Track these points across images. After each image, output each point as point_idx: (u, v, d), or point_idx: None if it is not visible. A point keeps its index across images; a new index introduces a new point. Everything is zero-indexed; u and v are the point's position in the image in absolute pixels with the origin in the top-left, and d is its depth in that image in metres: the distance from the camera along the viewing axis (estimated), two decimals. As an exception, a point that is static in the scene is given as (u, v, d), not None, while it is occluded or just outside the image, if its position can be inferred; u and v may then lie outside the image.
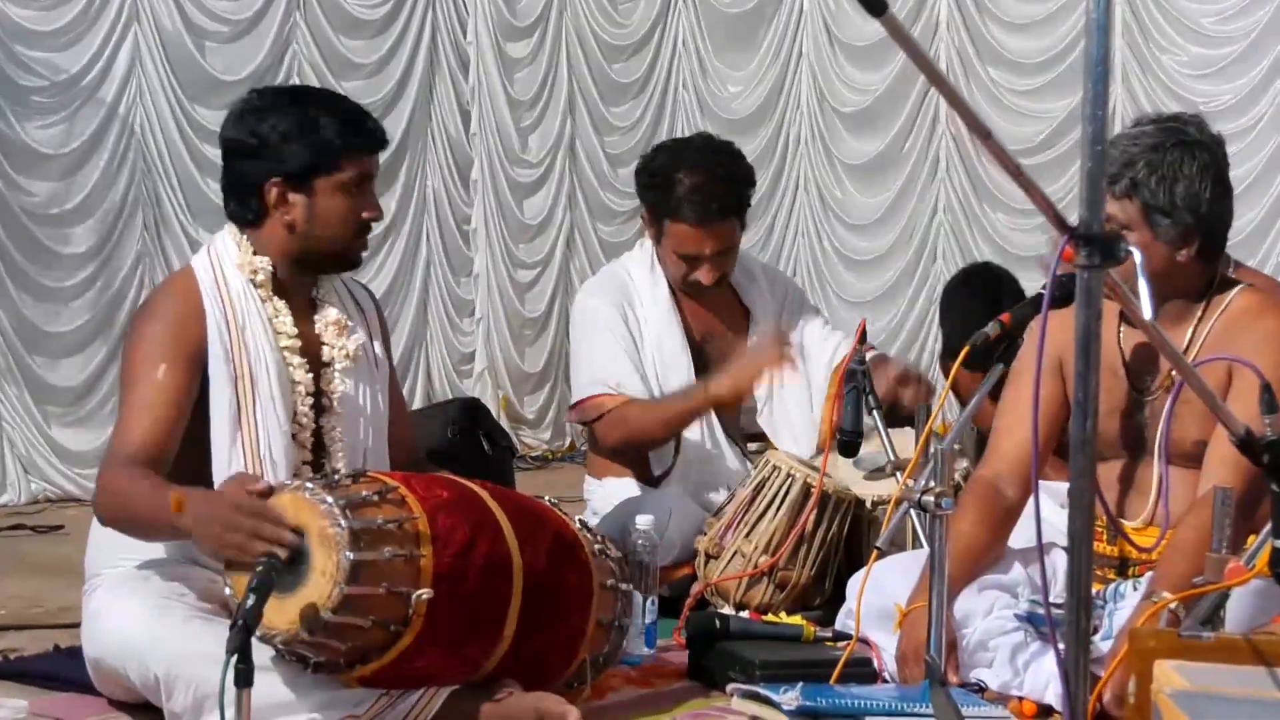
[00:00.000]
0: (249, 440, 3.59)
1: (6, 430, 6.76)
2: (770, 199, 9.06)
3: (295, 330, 3.71)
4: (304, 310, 3.78)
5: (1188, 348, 3.77)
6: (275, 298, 3.72)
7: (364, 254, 3.84)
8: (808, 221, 9.15)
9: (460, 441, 5.41)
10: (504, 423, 8.04)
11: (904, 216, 8.86)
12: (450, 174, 8.53)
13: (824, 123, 9.04)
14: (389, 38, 8.20)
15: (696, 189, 4.90)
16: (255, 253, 3.72)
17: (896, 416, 4.70)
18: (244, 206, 3.73)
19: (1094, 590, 3.72)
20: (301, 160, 3.67)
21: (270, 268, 3.72)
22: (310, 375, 3.72)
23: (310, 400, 3.71)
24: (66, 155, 6.98)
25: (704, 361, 5.04)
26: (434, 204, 8.46)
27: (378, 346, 3.91)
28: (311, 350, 3.75)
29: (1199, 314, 3.81)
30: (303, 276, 3.78)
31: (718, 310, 5.11)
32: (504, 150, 8.69)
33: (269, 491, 3.27)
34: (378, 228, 3.97)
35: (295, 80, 7.67)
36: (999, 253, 8.28)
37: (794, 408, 5.05)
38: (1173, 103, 7.62)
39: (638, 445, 4.94)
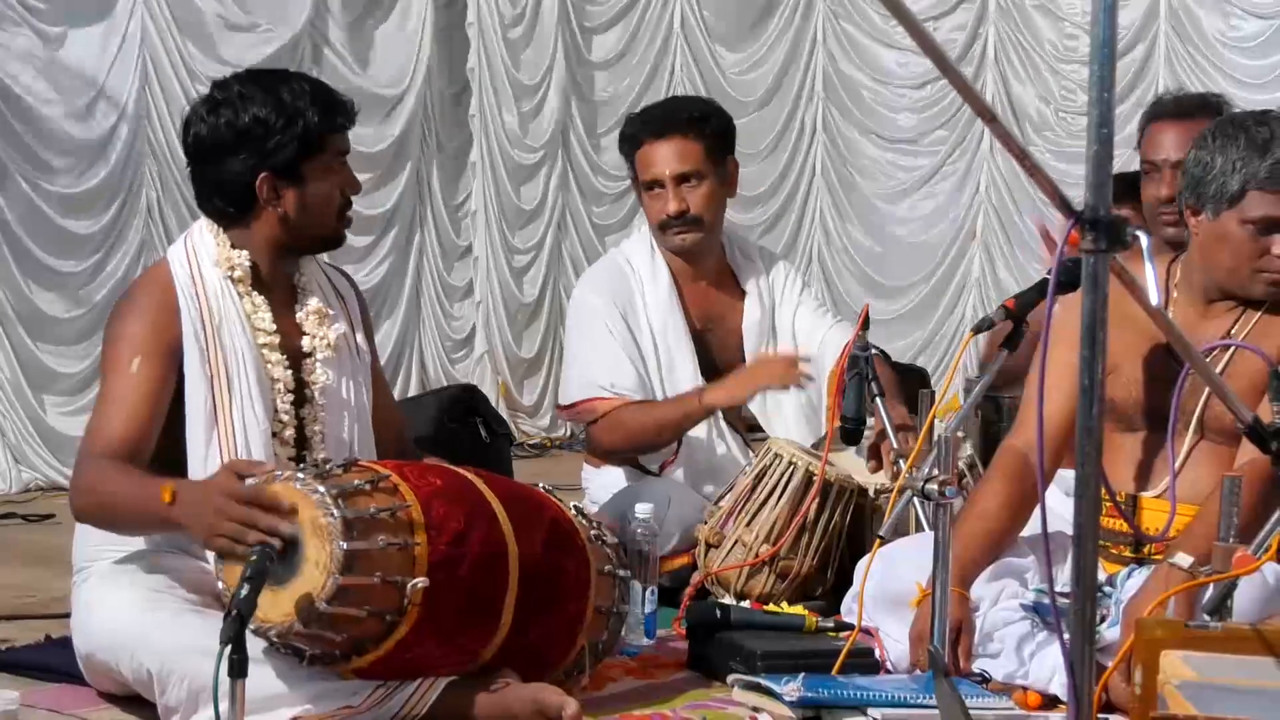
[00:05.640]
0: (226, 439, 3.54)
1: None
2: (783, 182, 9.09)
3: (274, 326, 3.66)
4: (285, 301, 3.73)
5: (1234, 331, 3.76)
6: (254, 293, 3.66)
7: (348, 230, 3.80)
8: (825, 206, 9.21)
9: (457, 429, 5.38)
10: (503, 409, 8.04)
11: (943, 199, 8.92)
12: (447, 158, 8.51)
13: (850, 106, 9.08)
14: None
15: (648, 109, 5.18)
16: (234, 246, 3.66)
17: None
18: (231, 204, 3.65)
19: (1103, 575, 3.69)
20: (290, 151, 3.62)
21: (249, 263, 3.66)
22: (290, 372, 3.67)
23: (291, 396, 3.67)
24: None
25: (705, 348, 5.00)
26: (428, 188, 8.46)
27: (359, 336, 3.87)
28: (292, 343, 3.71)
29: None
30: (285, 266, 3.74)
31: (717, 295, 5.07)
32: (505, 133, 8.67)
33: (272, 477, 3.24)
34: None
35: (313, 70, 7.70)
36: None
37: (786, 396, 5.01)
38: (1216, 75, 7.65)
39: (634, 449, 4.91)
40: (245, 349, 3.62)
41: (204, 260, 3.66)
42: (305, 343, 3.73)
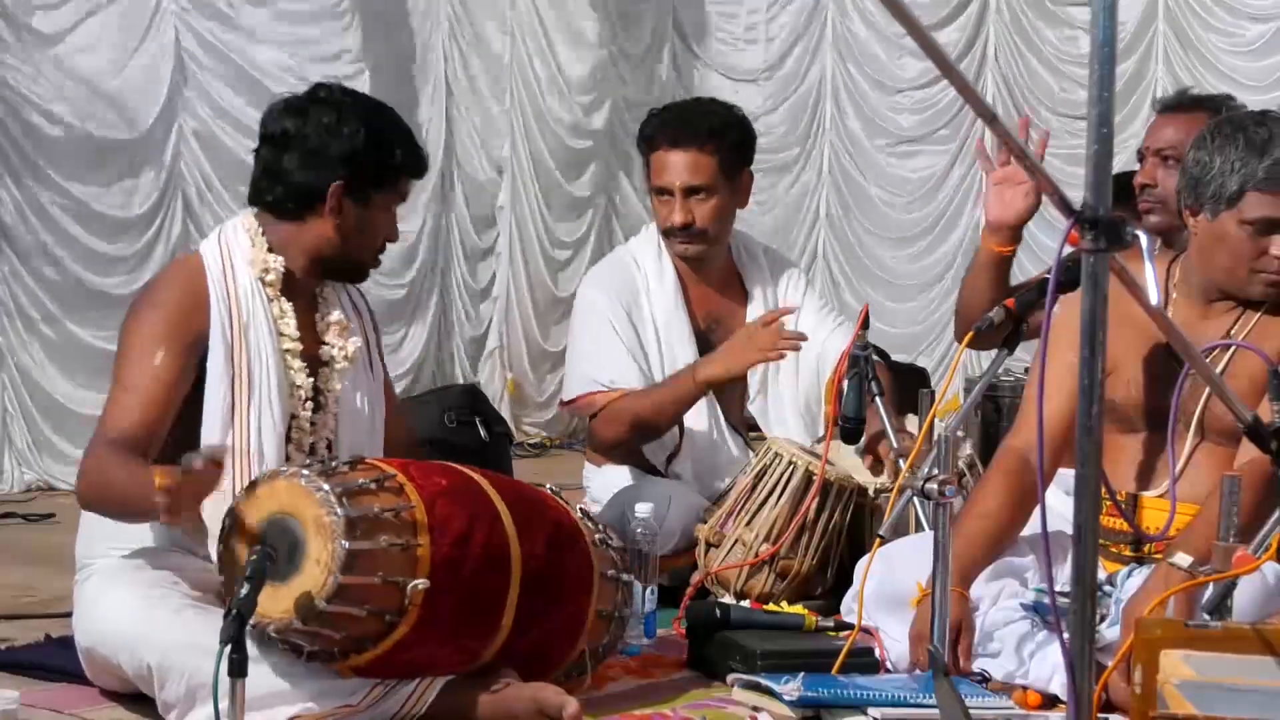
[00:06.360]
0: (241, 440, 3.55)
1: (7, 422, 6.72)
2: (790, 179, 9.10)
3: (298, 333, 3.68)
4: (307, 310, 3.76)
5: (1234, 331, 3.76)
6: (282, 298, 3.68)
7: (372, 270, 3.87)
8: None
9: (457, 429, 5.38)
10: (506, 407, 8.03)
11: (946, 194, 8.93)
12: (480, 154, 8.53)
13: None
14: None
15: (669, 110, 5.07)
16: (270, 249, 3.68)
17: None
18: (292, 199, 3.68)
19: (1104, 574, 3.69)
20: (369, 176, 3.67)
21: (282, 267, 3.68)
22: (311, 379, 3.69)
23: (311, 404, 3.68)
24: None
25: (708, 349, 4.98)
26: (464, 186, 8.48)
27: (374, 349, 3.90)
28: (310, 350, 3.72)
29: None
30: (312, 278, 3.75)
31: (722, 297, 5.07)
32: (546, 125, 8.66)
33: (276, 473, 3.26)
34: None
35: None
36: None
37: (786, 396, 5.01)
38: (1216, 80, 7.65)
39: (636, 438, 4.89)
40: (270, 353, 3.62)
41: (237, 257, 3.67)
42: (324, 352, 3.75)
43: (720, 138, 4.91)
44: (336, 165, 3.65)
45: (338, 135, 3.66)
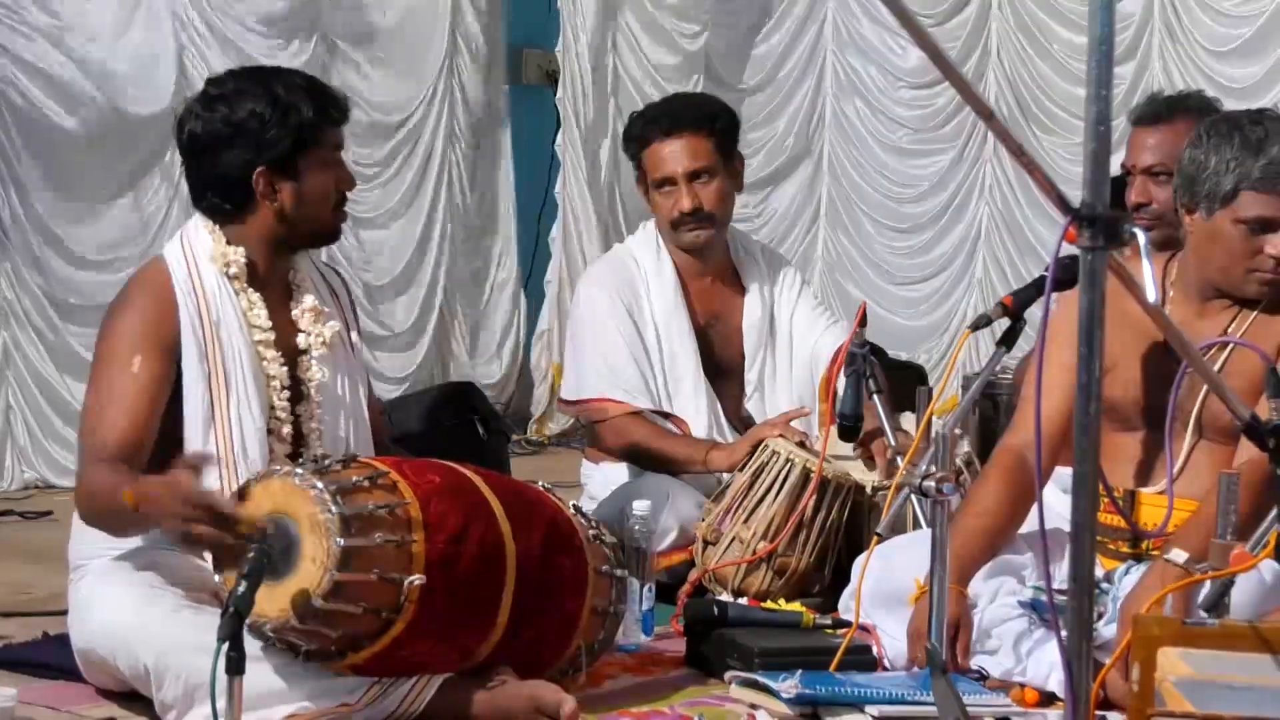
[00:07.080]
0: (223, 438, 3.55)
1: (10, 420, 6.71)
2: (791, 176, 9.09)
3: (270, 323, 3.66)
4: (280, 298, 3.74)
5: (1231, 330, 3.75)
6: (250, 290, 3.67)
7: (343, 225, 3.83)
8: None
9: (454, 426, 5.37)
10: (545, 394, 8.05)
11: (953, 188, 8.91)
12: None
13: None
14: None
15: (654, 107, 5.17)
16: (230, 242, 3.67)
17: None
18: (227, 200, 3.67)
19: (1102, 571, 3.69)
20: (285, 144, 3.64)
21: (244, 259, 3.67)
22: (285, 368, 3.68)
23: (286, 394, 3.67)
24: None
25: (707, 345, 5.00)
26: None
27: (353, 334, 3.90)
28: (288, 340, 3.71)
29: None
30: (280, 262, 3.75)
31: (720, 292, 5.07)
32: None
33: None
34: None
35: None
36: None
37: (781, 395, 5.01)
38: (1205, 83, 7.64)
39: (628, 457, 4.91)
40: (242, 346, 3.61)
41: (200, 257, 3.66)
42: (301, 340, 3.73)
43: (712, 121, 4.98)
44: (249, 153, 3.63)
45: (238, 123, 3.63)
